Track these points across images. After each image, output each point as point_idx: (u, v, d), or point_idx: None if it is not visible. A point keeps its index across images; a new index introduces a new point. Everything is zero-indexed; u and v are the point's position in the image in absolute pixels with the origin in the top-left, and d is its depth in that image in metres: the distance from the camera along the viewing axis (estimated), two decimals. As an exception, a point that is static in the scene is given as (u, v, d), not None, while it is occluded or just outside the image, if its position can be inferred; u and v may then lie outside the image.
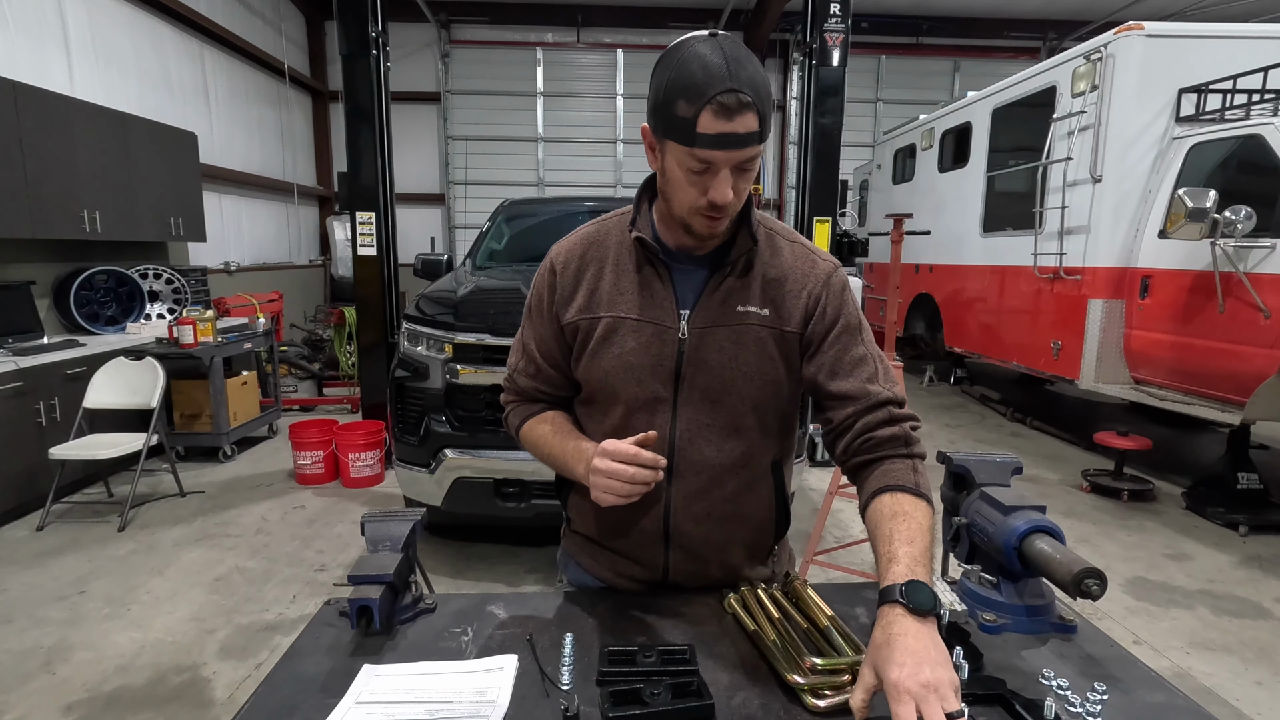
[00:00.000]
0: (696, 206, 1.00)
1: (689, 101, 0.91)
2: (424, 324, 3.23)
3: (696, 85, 0.90)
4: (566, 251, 1.17)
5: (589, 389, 1.16)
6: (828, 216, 5.13)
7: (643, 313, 1.09)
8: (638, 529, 1.15)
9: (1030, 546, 1.01)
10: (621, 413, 1.12)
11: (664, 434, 1.09)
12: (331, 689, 0.88)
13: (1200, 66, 4.29)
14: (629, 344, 1.09)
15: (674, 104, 0.93)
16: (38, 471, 3.77)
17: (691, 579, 1.18)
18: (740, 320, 1.08)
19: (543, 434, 1.18)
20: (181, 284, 5.59)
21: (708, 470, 1.12)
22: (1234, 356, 3.77)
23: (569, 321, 1.13)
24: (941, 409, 6.64)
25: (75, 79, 5.19)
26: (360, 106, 4.62)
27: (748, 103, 0.90)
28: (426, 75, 10.12)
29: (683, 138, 0.93)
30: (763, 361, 1.09)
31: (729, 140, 0.92)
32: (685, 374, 1.09)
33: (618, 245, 1.14)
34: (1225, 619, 2.92)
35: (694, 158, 0.94)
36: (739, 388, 1.09)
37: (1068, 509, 4.10)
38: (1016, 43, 10.54)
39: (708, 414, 1.10)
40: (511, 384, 1.25)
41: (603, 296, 1.11)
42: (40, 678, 2.43)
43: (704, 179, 0.97)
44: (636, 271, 1.11)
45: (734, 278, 1.09)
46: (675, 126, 0.94)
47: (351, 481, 4.39)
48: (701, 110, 0.90)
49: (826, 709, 0.83)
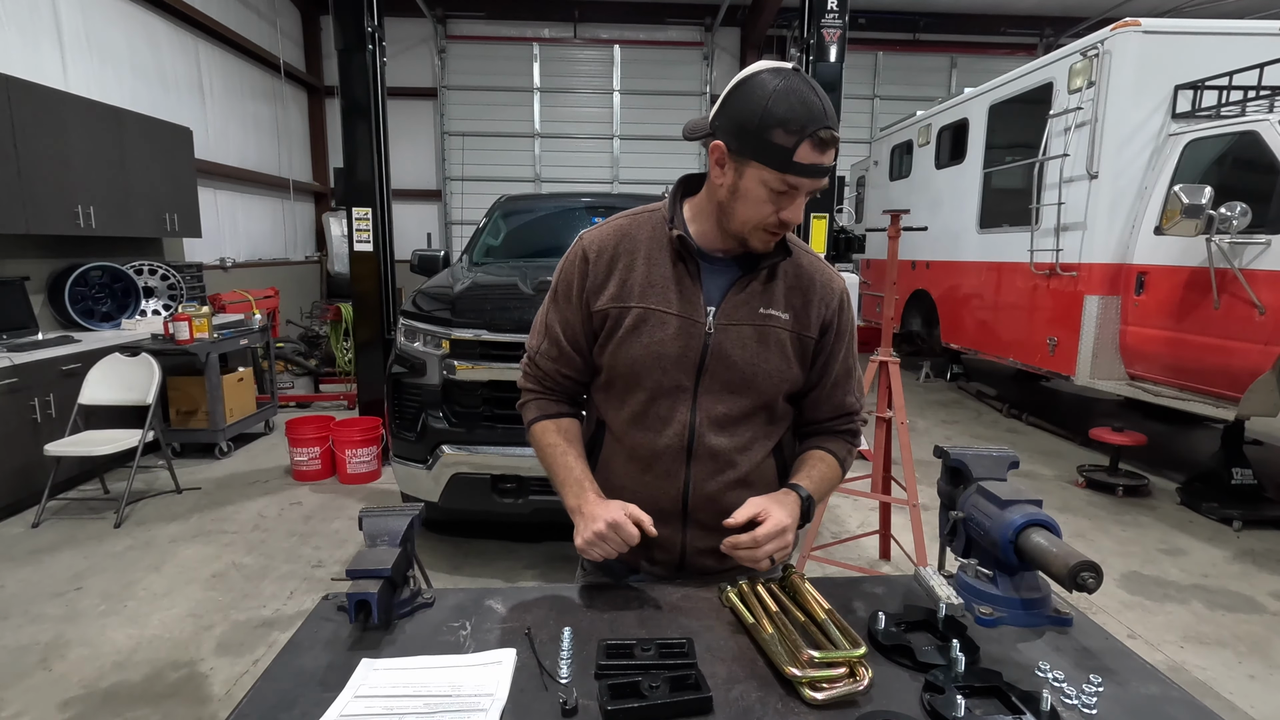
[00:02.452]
0: (766, 224, 1.09)
1: (789, 132, 1.01)
2: (421, 320, 3.22)
3: (798, 119, 1.00)
4: (600, 241, 1.22)
5: (611, 374, 1.21)
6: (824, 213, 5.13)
7: (672, 306, 1.16)
8: (658, 509, 1.19)
9: (1026, 540, 1.01)
10: (643, 399, 1.19)
11: (683, 420, 1.18)
12: (330, 683, 0.88)
13: (1196, 63, 4.29)
14: (658, 335, 1.16)
15: (771, 131, 1.01)
16: (33, 468, 3.76)
17: (706, 559, 1.23)
18: (764, 321, 1.17)
19: (552, 444, 1.24)
20: (177, 280, 5.56)
21: (723, 454, 1.20)
22: (1229, 352, 3.78)
23: (599, 309, 1.19)
24: (938, 405, 6.66)
25: (69, 73, 5.16)
26: (356, 102, 4.60)
27: (837, 139, 1.04)
28: (423, 71, 10.08)
29: (778, 164, 1.03)
30: (782, 360, 1.19)
31: (819, 171, 1.04)
32: (708, 366, 1.17)
33: (650, 240, 1.20)
34: (1219, 613, 2.94)
35: (784, 182, 1.04)
36: (758, 383, 1.18)
37: (1063, 504, 4.12)
38: (1013, 39, 10.55)
39: (725, 404, 1.18)
40: (532, 367, 1.29)
41: (634, 287, 1.18)
42: (37, 674, 2.43)
43: (782, 200, 1.07)
44: (669, 266, 1.18)
45: (759, 282, 1.18)
46: (769, 152, 1.03)
47: (348, 478, 4.38)
48: (802, 142, 1.01)
49: (824, 701, 0.83)
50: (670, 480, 1.20)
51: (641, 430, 1.20)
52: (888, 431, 3.13)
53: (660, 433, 1.19)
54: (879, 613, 1.01)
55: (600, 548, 1.09)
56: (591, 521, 1.10)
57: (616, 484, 1.23)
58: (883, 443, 3.15)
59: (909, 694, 0.86)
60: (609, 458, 1.26)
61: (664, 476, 1.20)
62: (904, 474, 2.94)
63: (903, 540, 3.38)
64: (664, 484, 1.20)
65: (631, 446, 1.21)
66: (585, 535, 1.10)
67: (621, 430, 1.22)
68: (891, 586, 1.16)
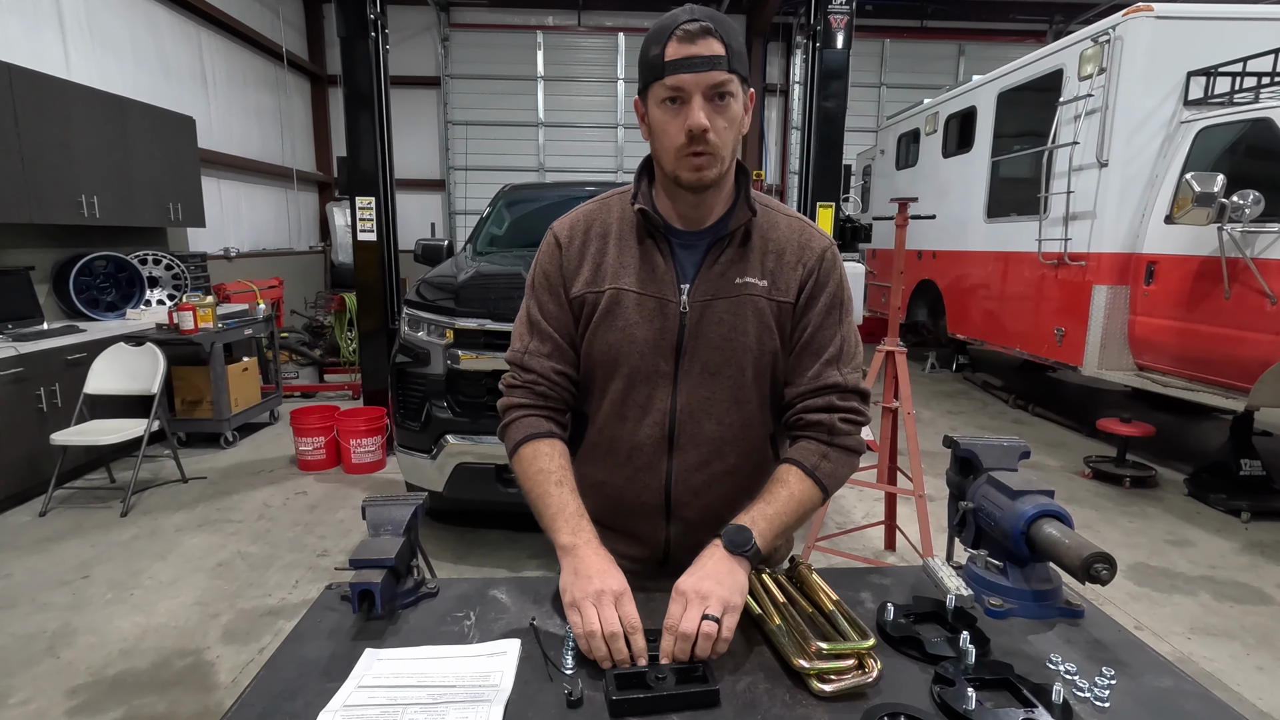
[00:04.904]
0: (679, 146, 1.01)
1: (657, 42, 0.98)
2: (425, 309, 3.21)
3: (662, 26, 0.99)
4: (570, 226, 1.18)
5: (588, 363, 1.15)
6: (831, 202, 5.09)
7: (644, 286, 1.10)
8: (639, 504, 1.15)
9: (1038, 531, 1.00)
10: (621, 387, 1.12)
11: (664, 408, 1.12)
12: (334, 672, 0.87)
13: (1209, 49, 4.23)
14: (631, 317, 1.10)
15: (647, 52, 1.00)
16: (39, 457, 3.78)
17: (691, 556, 1.16)
18: (739, 291, 1.09)
19: (544, 471, 1.08)
20: (181, 270, 5.56)
21: (708, 443, 1.13)
22: (1239, 343, 3.75)
23: (576, 295, 1.14)
24: (943, 396, 6.63)
25: (71, 62, 5.13)
26: (359, 90, 4.57)
27: (709, 29, 0.96)
28: (426, 59, 10.02)
29: (655, 74, 0.99)
30: (761, 332, 1.10)
31: (695, 63, 0.96)
32: (687, 347, 1.10)
33: (620, 220, 1.16)
34: (1227, 605, 2.92)
35: (669, 88, 0.98)
36: (739, 359, 1.10)
37: (1069, 495, 4.10)
38: (1022, 25, 10.42)
39: (708, 387, 1.11)
40: (520, 374, 1.16)
41: (607, 270, 1.13)
42: (44, 661, 2.45)
43: (681, 114, 0.99)
44: (638, 245, 1.12)
45: (733, 249, 1.10)
46: (649, 69, 1.00)
47: (353, 467, 4.39)
48: (667, 42, 0.97)
49: (833, 693, 0.82)
50: (651, 473, 1.13)
51: (620, 421, 1.13)
52: (894, 422, 3.12)
53: (640, 422, 1.12)
54: (887, 604, 0.99)
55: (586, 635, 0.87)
56: (587, 582, 0.92)
57: (595, 479, 1.18)
58: (888, 433, 3.13)
59: (918, 686, 0.85)
60: (588, 452, 1.19)
61: (645, 469, 1.14)
62: (910, 464, 2.92)
63: (908, 531, 3.37)
64: (645, 477, 1.14)
65: (611, 439, 1.15)
66: (578, 596, 0.91)
67: (600, 423, 1.16)
68: (899, 578, 1.15)
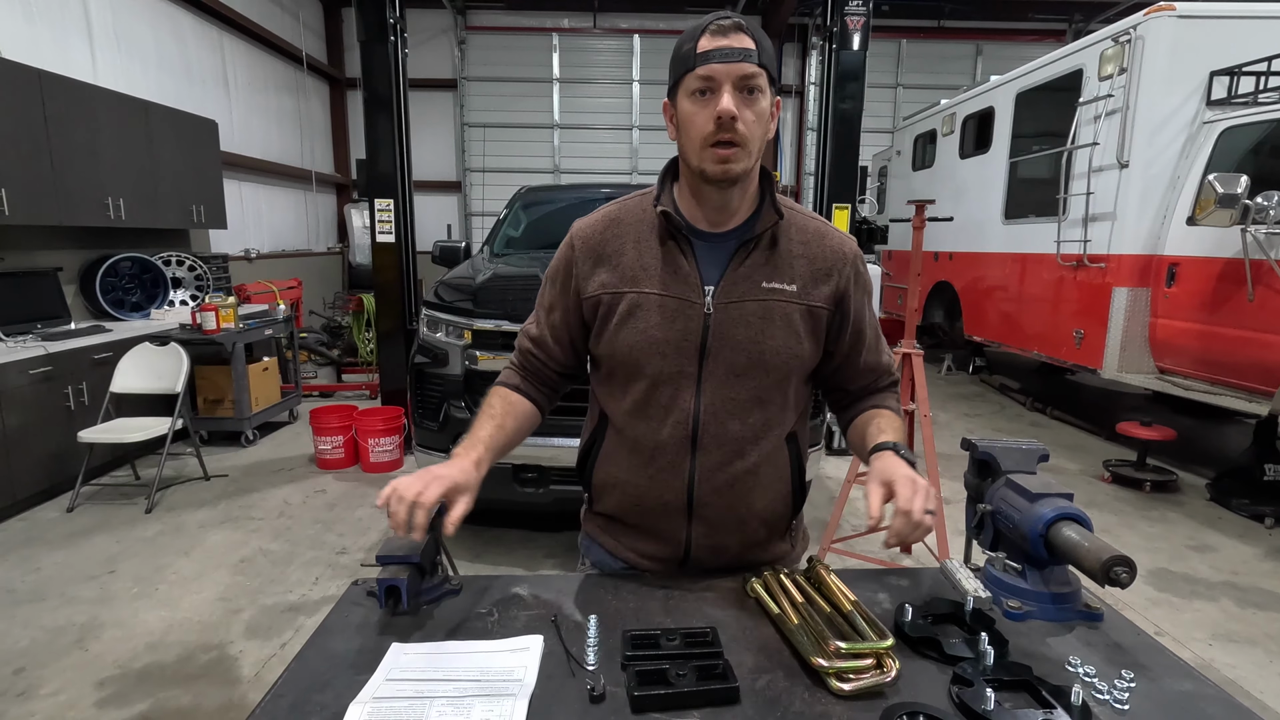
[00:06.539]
0: (706, 135, 1.02)
1: (690, 39, 1.02)
2: (443, 310, 3.25)
3: (695, 26, 1.03)
4: (589, 228, 1.18)
5: (611, 364, 1.16)
6: (847, 203, 5.08)
7: (666, 288, 1.10)
8: (662, 504, 1.16)
9: (1057, 534, 1.00)
10: (644, 388, 1.13)
11: (688, 408, 1.12)
12: (361, 666, 0.89)
13: (1233, 48, 4.17)
14: (653, 319, 1.10)
15: (680, 49, 1.04)
16: (67, 454, 3.86)
17: (712, 555, 1.19)
18: (769, 296, 1.10)
19: (486, 405, 1.19)
20: (204, 271, 5.65)
21: (731, 443, 1.13)
22: (1263, 346, 3.69)
23: (590, 296, 1.14)
24: (960, 398, 6.58)
25: (98, 67, 5.24)
26: (378, 93, 4.63)
27: (741, 25, 1.01)
28: (443, 62, 10.10)
29: (687, 66, 1.02)
30: (789, 336, 1.11)
31: (727, 53, 0.99)
32: (710, 349, 1.10)
33: (640, 222, 1.15)
34: (1250, 611, 2.88)
35: (700, 79, 1.01)
36: (765, 362, 1.10)
37: (1088, 499, 4.06)
38: (1041, 25, 10.31)
39: (732, 388, 1.11)
40: (518, 340, 1.27)
41: (626, 272, 1.13)
42: (73, 654, 2.50)
43: (710, 103, 1.01)
44: (660, 246, 1.12)
45: (760, 251, 1.11)
46: (680, 62, 1.03)
47: (371, 466, 4.44)
48: (700, 37, 1.01)
49: (851, 692, 0.83)
50: (674, 473, 1.13)
51: (643, 421, 1.14)
52: (910, 424, 3.10)
53: (663, 422, 1.12)
54: (905, 605, 1.00)
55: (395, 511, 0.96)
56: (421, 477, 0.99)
57: (618, 479, 1.19)
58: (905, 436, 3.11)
59: (937, 686, 0.86)
60: (611, 452, 1.20)
61: (668, 469, 1.14)
62: (926, 467, 2.91)
63: (924, 534, 3.35)
64: (668, 477, 1.14)
65: (634, 439, 1.15)
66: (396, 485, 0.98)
67: (623, 422, 1.17)
68: (917, 579, 1.15)
